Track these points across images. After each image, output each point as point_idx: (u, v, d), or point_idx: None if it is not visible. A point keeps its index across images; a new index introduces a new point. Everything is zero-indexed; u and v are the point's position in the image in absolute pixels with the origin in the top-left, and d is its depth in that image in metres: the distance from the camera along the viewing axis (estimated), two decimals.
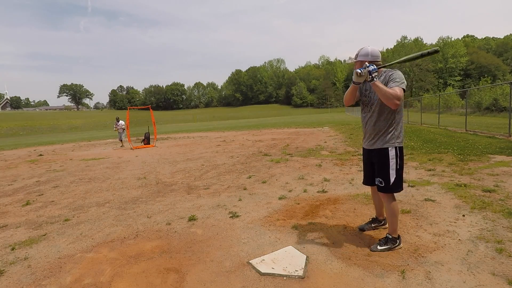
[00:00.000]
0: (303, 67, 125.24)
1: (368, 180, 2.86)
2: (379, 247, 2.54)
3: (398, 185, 2.54)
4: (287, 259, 2.51)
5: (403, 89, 2.38)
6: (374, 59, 2.53)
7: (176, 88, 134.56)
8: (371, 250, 2.54)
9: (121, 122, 14.38)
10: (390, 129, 2.52)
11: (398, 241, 2.59)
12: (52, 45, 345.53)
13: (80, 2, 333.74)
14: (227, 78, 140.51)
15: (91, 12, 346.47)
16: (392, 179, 2.50)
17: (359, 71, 2.38)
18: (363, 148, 2.81)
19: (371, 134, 2.61)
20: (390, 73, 2.46)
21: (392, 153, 2.51)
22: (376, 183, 2.61)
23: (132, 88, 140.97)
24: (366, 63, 2.43)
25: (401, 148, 2.55)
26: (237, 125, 32.23)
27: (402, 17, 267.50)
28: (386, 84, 2.42)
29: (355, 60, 2.63)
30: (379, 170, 2.57)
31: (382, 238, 2.62)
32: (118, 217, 3.90)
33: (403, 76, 2.44)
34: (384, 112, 2.51)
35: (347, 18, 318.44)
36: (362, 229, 2.99)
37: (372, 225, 3.00)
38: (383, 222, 2.99)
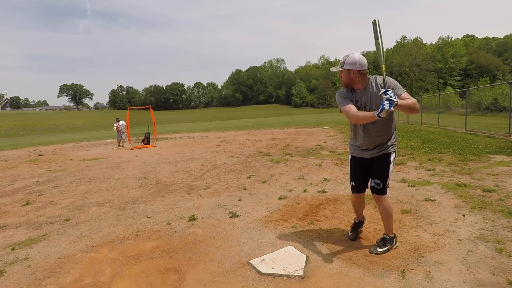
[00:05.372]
0: (303, 67, 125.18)
1: (361, 188, 2.71)
2: (379, 250, 2.53)
3: (388, 186, 2.59)
4: (287, 259, 2.51)
5: None
6: (361, 67, 2.37)
7: (176, 88, 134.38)
8: (371, 253, 2.53)
9: (122, 122, 14.36)
10: (393, 136, 2.56)
11: (394, 240, 2.61)
12: (52, 46, 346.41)
13: (80, 5, 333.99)
14: (227, 78, 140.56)
15: (91, 14, 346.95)
16: (388, 181, 2.55)
17: (392, 109, 2.11)
18: (358, 157, 2.65)
19: (376, 144, 2.52)
20: (386, 81, 2.30)
21: (392, 157, 2.56)
22: (372, 184, 2.57)
23: (132, 88, 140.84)
24: (390, 94, 2.11)
25: (395, 152, 2.61)
26: (237, 125, 32.22)
27: (401, 18, 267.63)
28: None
29: (341, 69, 2.43)
30: (378, 173, 2.54)
31: (380, 240, 2.62)
32: (118, 217, 3.90)
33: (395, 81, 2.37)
34: (388, 122, 2.49)
35: (345, 19, 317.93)
36: (354, 238, 2.84)
37: (359, 230, 2.92)
38: (364, 222, 2.96)
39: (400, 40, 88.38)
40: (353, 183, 2.72)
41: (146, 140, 14.11)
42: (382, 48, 2.31)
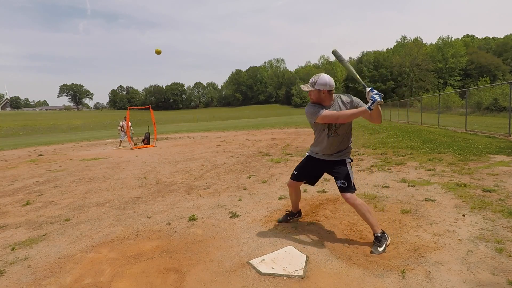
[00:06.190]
0: (303, 67, 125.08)
1: (300, 178, 3.01)
2: (379, 249, 2.54)
3: (354, 186, 2.79)
4: (287, 259, 2.51)
5: None
6: (330, 88, 2.65)
7: (176, 88, 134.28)
8: (372, 253, 2.53)
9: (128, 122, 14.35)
10: (350, 144, 2.85)
11: (386, 235, 2.66)
12: (52, 46, 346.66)
13: (80, 5, 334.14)
14: (227, 78, 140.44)
15: (91, 14, 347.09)
16: (352, 180, 2.74)
17: (382, 101, 2.42)
18: (314, 158, 2.92)
19: (337, 151, 2.79)
20: (351, 98, 2.76)
21: (348, 161, 2.83)
22: (339, 185, 2.75)
23: (132, 88, 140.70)
24: (376, 91, 2.46)
25: (351, 158, 2.92)
26: (237, 125, 32.23)
27: (401, 18, 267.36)
28: (356, 107, 2.69)
29: (312, 89, 2.66)
30: (341, 175, 2.75)
31: (374, 240, 2.64)
32: (118, 217, 3.91)
33: None
34: (348, 131, 2.79)
35: (344, 20, 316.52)
36: (280, 221, 3.30)
37: (288, 218, 3.32)
38: (296, 214, 3.36)
39: (400, 40, 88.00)
40: (296, 172, 3.04)
41: (146, 140, 14.12)
42: (350, 65, 2.75)
